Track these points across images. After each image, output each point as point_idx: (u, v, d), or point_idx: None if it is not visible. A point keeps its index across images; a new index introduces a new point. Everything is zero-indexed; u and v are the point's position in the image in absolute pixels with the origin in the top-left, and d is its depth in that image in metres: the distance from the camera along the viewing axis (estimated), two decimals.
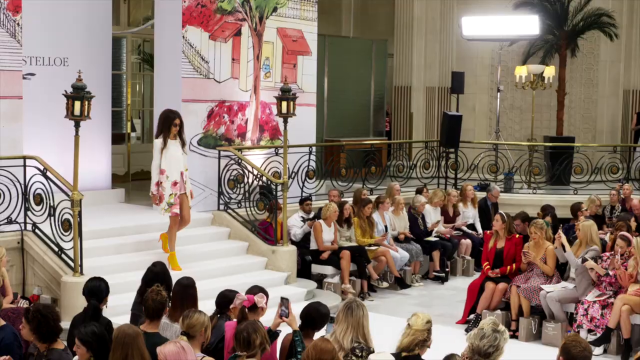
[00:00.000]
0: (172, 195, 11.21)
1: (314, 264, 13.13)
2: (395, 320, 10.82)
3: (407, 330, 6.32)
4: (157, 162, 11.19)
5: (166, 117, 11.25)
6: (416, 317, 6.36)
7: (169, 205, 11.22)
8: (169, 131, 11.17)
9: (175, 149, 11.21)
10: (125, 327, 6.01)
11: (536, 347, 10.74)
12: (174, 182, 11.20)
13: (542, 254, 11.33)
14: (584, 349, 5.70)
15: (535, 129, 19.48)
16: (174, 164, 11.18)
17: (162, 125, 11.24)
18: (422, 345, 6.28)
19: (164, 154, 11.14)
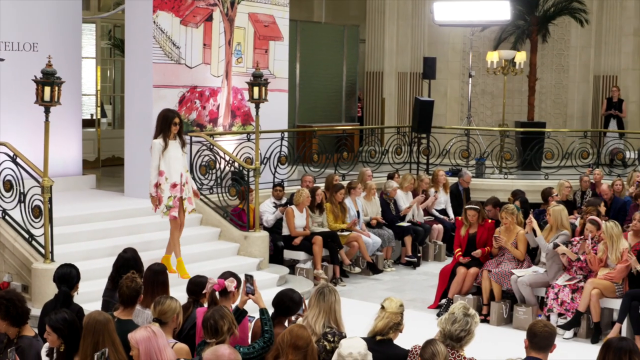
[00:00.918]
0: (170, 198, 10.81)
1: (286, 250, 13.13)
2: (368, 305, 10.90)
3: (381, 313, 6.35)
4: (155, 162, 10.77)
5: (165, 116, 10.82)
6: (390, 301, 6.39)
7: (167, 208, 10.82)
8: (169, 131, 10.74)
9: (175, 150, 10.81)
10: (96, 314, 5.99)
11: (507, 331, 10.81)
12: (173, 184, 10.81)
13: (513, 239, 11.40)
14: (545, 325, 5.79)
15: (506, 114, 19.57)
16: (174, 165, 10.79)
17: (161, 125, 10.80)
18: (396, 329, 6.31)
19: (164, 155, 10.74)
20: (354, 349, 5.38)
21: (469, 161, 17.85)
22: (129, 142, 13.55)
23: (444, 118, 20.11)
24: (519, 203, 13.40)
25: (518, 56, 18.81)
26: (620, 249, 10.52)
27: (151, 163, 10.86)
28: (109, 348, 5.77)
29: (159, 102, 13.22)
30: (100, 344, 5.79)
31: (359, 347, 5.38)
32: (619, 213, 14.02)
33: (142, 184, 13.28)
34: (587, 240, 10.77)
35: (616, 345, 5.54)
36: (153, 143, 10.81)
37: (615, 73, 20.57)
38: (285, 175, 14.86)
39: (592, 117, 20.77)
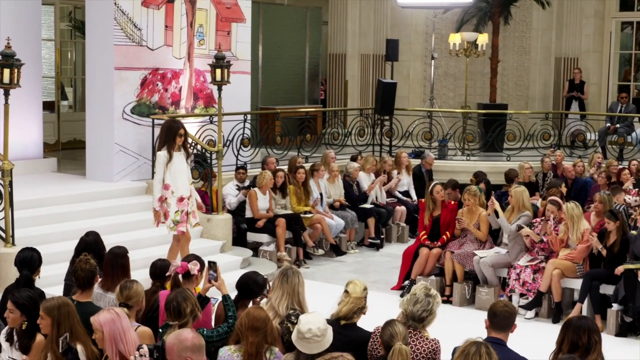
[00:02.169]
0: (177, 213, 10.41)
1: (250, 232, 13.11)
2: (331, 287, 10.94)
3: (346, 298, 6.34)
4: (160, 176, 10.33)
5: (169, 127, 10.41)
6: (354, 285, 6.39)
7: (174, 224, 10.42)
8: (173, 142, 10.30)
9: (180, 162, 10.41)
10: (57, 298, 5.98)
11: (469, 312, 10.90)
12: (180, 197, 10.42)
13: (476, 220, 11.48)
14: (506, 305, 5.84)
15: (468, 96, 19.66)
16: (180, 178, 10.40)
17: (166, 136, 10.39)
18: (359, 312, 6.33)
19: (169, 168, 10.32)
20: (313, 325, 5.35)
21: (431, 143, 17.92)
22: (90, 125, 13.44)
23: (406, 100, 20.17)
24: (484, 185, 13.52)
25: (480, 38, 18.88)
26: (581, 229, 10.64)
27: (155, 176, 10.44)
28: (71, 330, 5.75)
29: (120, 84, 13.12)
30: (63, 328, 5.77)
31: (318, 323, 5.35)
32: (580, 194, 14.17)
33: (104, 167, 13.22)
34: (548, 221, 10.88)
35: (575, 323, 5.61)
36: (158, 155, 10.39)
37: (576, 55, 20.74)
38: (248, 158, 14.82)
39: (553, 99, 20.94)
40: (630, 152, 16.93)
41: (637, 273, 9.95)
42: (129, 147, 13.25)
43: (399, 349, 5.51)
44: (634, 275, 9.98)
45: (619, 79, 21.44)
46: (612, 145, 17.49)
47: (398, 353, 5.50)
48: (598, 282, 10.34)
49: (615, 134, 17.48)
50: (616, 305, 10.14)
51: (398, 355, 5.51)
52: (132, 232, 11.79)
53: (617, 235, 10.32)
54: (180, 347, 5.04)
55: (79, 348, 5.79)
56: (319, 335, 5.31)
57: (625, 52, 21.87)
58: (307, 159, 15.61)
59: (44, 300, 6.11)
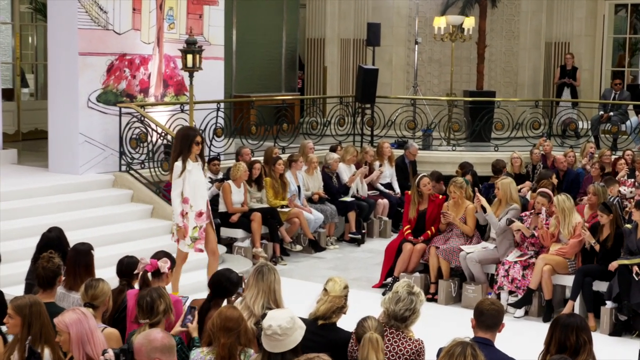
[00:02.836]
0: (195, 229, 10.08)
1: (223, 227, 13.09)
2: (310, 285, 10.93)
3: (324, 296, 6.33)
4: (179, 189, 9.99)
5: (185, 135, 10.06)
6: (333, 283, 6.37)
7: (192, 241, 10.08)
8: (189, 151, 9.93)
9: (198, 173, 10.08)
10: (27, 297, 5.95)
11: (456, 310, 10.93)
12: (199, 212, 10.10)
13: (462, 214, 11.50)
14: (493, 303, 5.84)
15: (454, 83, 19.66)
16: (199, 190, 10.09)
17: (181, 145, 9.99)
18: (339, 312, 6.31)
19: (187, 180, 9.96)
20: (274, 321, 5.29)
21: (415, 132, 17.93)
22: (52, 114, 13.37)
23: (389, 87, 20.15)
24: (470, 176, 13.53)
25: (466, 22, 18.89)
26: (572, 223, 10.67)
27: (173, 190, 10.09)
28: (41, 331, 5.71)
29: (85, 70, 13.04)
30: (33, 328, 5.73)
31: (281, 320, 5.30)
32: (572, 186, 14.22)
33: (67, 159, 13.15)
34: (540, 214, 10.91)
35: (563, 322, 5.61)
36: (175, 167, 9.99)
37: (567, 39, 20.79)
38: (222, 149, 14.80)
39: (543, 86, 20.98)
40: (625, 142, 17.00)
41: (632, 269, 9.99)
42: (94, 137, 13.19)
43: (369, 337, 5.52)
44: (629, 271, 10.02)
45: (612, 64, 21.51)
46: (605, 135, 17.57)
47: (368, 341, 5.51)
48: (591, 279, 10.38)
49: (609, 122, 17.56)
50: (610, 302, 10.18)
51: (368, 343, 5.52)
52: (98, 227, 11.76)
53: (611, 229, 10.37)
54: (150, 348, 5.00)
55: (47, 352, 5.73)
56: (279, 333, 5.26)
57: (619, 36, 21.96)
58: (284, 150, 15.58)
59: (13, 298, 6.06)
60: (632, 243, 10.17)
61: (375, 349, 5.60)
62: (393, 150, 16.00)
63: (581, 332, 5.47)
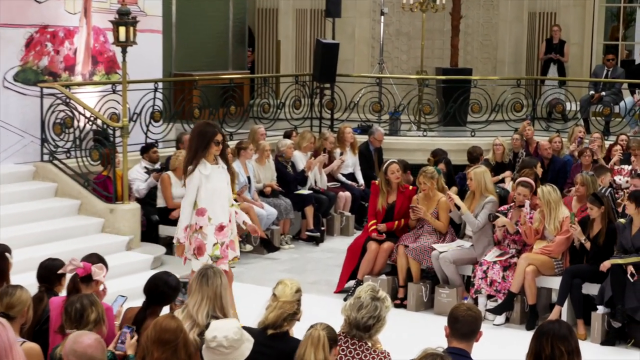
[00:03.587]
0: (216, 246, 9.44)
1: (162, 225, 13.08)
2: (262, 290, 10.82)
3: (273, 302, 6.33)
4: (191, 197, 9.38)
5: (202, 133, 9.42)
6: (283, 286, 6.37)
7: (214, 260, 9.32)
8: (207, 151, 9.33)
9: (219, 178, 9.45)
10: None
11: (427, 317, 10.96)
12: (220, 226, 9.45)
13: (434, 208, 11.52)
14: (469, 308, 5.85)
15: (425, 60, 19.71)
16: (219, 199, 9.46)
17: (197, 144, 9.39)
18: (291, 319, 6.31)
19: (203, 187, 9.36)
20: (220, 332, 5.30)
21: (381, 116, 17.96)
22: None
23: (351, 64, 20.16)
24: (444, 165, 13.58)
25: None
26: (559, 217, 10.72)
27: (185, 197, 9.49)
28: None
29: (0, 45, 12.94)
30: None
31: (227, 330, 5.31)
32: (559, 175, 14.33)
33: None
34: (522, 207, 10.96)
35: (540, 329, 5.62)
36: (189, 171, 9.39)
37: (553, 10, 20.93)
38: (160, 135, 14.77)
39: (526, 63, 21.10)
40: (618, 125, 17.15)
41: (627, 269, 10.06)
42: (11, 122, 13.07)
43: (311, 333, 5.56)
44: (623, 272, 10.08)
45: (605, 37, 21.71)
46: (596, 117, 17.69)
47: (309, 338, 5.54)
48: (580, 281, 10.45)
49: (601, 103, 17.69)
50: (602, 307, 10.25)
51: (308, 339, 5.55)
52: (18, 226, 11.67)
53: (602, 224, 10.44)
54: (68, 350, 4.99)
55: None
56: (225, 345, 5.27)
57: (613, 4, 22.14)
58: (232, 136, 15.57)
59: None
60: (627, 240, 10.25)
61: (315, 345, 5.61)
62: (356, 137, 16.03)
63: (558, 342, 5.42)
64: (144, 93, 14.31)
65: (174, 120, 15.40)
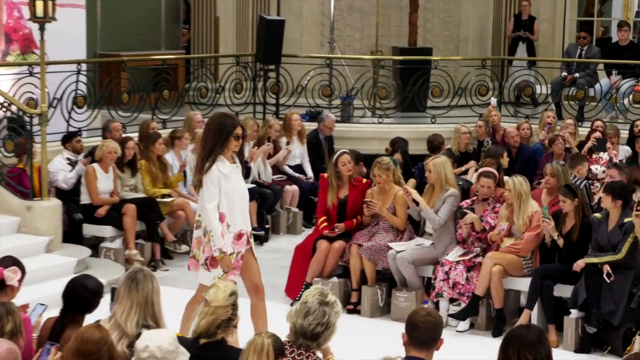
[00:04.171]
0: (232, 256, 9.10)
1: (87, 224, 13.04)
2: None
3: (205, 308, 6.33)
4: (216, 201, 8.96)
5: (220, 125, 9.02)
6: (215, 290, 6.37)
7: (225, 272, 9.08)
8: (224, 147, 8.96)
9: (237, 179, 9.13)
10: None
11: (384, 324, 10.98)
12: (239, 233, 9.13)
13: (390, 203, 11.54)
14: (429, 314, 5.87)
15: (380, 38, 19.74)
16: (239, 203, 9.14)
17: (214, 138, 8.98)
18: (227, 326, 6.30)
19: (222, 187, 8.97)
20: (153, 342, 5.31)
21: (332, 101, 17.97)
22: None
23: (298, 44, 20.14)
24: (400, 155, 13.60)
25: None
26: (528, 212, 10.78)
27: (208, 201, 9.01)
28: None
29: None
30: None
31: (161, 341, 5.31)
32: (528, 165, 14.38)
33: None
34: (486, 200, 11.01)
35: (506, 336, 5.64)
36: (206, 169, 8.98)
37: None
38: (84, 123, 14.69)
39: (492, 41, 21.18)
40: (593, 110, 17.26)
41: (602, 269, 10.13)
42: None
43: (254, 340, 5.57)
44: (598, 272, 10.16)
45: (578, 13, 21.85)
46: (569, 101, 17.79)
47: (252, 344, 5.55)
48: (552, 282, 10.51)
49: (574, 86, 17.79)
50: (575, 311, 10.33)
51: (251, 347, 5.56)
52: None
53: (576, 219, 10.51)
54: None
55: None
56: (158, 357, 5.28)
57: None
58: (165, 124, 15.53)
59: None
60: (602, 236, 10.32)
61: (258, 354, 5.62)
62: (304, 124, 16.02)
63: (525, 350, 5.43)
64: (65, 76, 14.24)
65: (100, 106, 15.34)
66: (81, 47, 15.18)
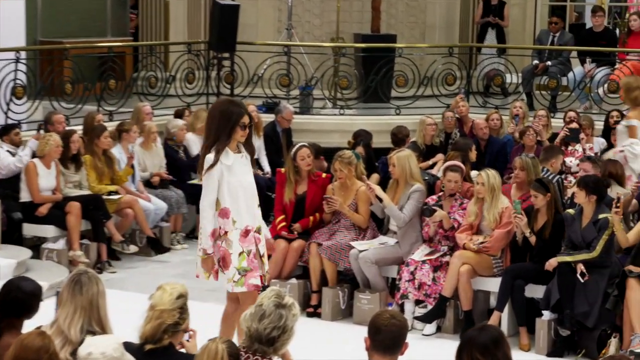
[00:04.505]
0: (243, 256, 8.81)
1: (27, 224, 13.00)
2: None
3: (150, 312, 6.31)
4: (212, 196, 8.77)
5: (225, 113, 8.75)
6: (162, 292, 6.35)
7: (240, 274, 8.78)
8: (229, 138, 8.72)
9: (244, 170, 8.89)
10: None
11: (345, 328, 11.01)
12: (245, 230, 8.85)
13: (352, 199, 11.56)
14: (393, 316, 5.87)
15: (342, 24, 19.75)
16: (244, 196, 8.88)
17: (218, 127, 8.74)
18: (174, 331, 6.28)
19: (225, 180, 8.76)
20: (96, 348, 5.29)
21: (290, 91, 17.96)
22: None
23: (254, 30, 20.11)
24: (363, 149, 13.62)
25: None
26: (498, 208, 10.82)
27: (204, 195, 8.88)
28: None
29: None
30: None
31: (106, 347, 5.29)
32: (497, 159, 14.42)
33: None
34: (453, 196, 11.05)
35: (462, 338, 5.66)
36: (206, 161, 8.76)
37: None
38: (24, 115, 14.64)
39: (460, 28, 21.23)
40: (566, 100, 17.33)
41: (576, 268, 10.19)
42: None
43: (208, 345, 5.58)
44: (572, 271, 10.21)
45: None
46: (541, 91, 17.87)
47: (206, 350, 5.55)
48: (523, 282, 10.56)
49: (546, 74, 17.87)
50: (548, 313, 10.39)
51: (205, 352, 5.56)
52: None
53: (548, 215, 10.56)
54: None
55: None
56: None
57: None
58: (112, 116, 15.51)
59: None
60: (576, 233, 10.37)
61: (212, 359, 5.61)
62: (260, 116, 16.02)
63: (477, 353, 5.43)
64: (3, 64, 14.19)
65: (41, 97, 15.27)
66: (20, 33, 15.11)
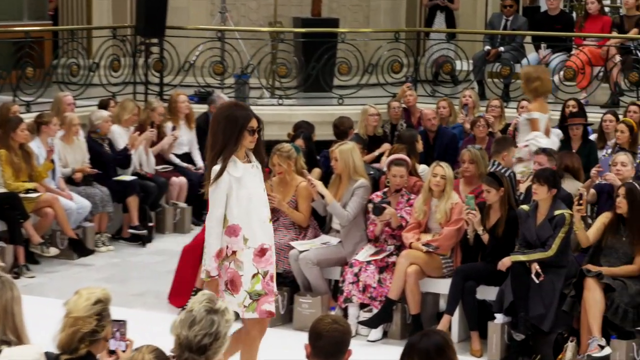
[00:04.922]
0: (257, 278, 8.60)
1: None
2: None
3: (65, 319, 6.27)
4: (220, 211, 8.51)
5: (231, 118, 8.50)
6: (77, 297, 6.30)
7: (252, 299, 8.59)
8: (238, 145, 8.48)
9: (255, 181, 8.64)
10: None
11: (284, 334, 11.02)
12: (261, 249, 8.63)
13: (291, 196, 11.58)
14: (335, 321, 5.89)
15: (280, 8, 19.74)
16: (255, 210, 8.64)
17: (224, 134, 8.48)
18: (93, 339, 6.26)
19: (234, 193, 8.52)
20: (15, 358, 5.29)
21: (224, 79, 17.94)
22: None
23: (185, 14, 20.05)
24: (302, 141, 13.64)
25: None
26: (448, 204, 10.87)
27: (211, 212, 8.61)
28: None
29: None
30: None
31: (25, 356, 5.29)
32: (447, 151, 14.45)
33: None
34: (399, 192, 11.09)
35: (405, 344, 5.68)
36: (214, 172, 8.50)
37: None
38: None
39: (407, 11, 21.28)
40: (520, 89, 17.39)
41: (531, 267, 10.25)
42: None
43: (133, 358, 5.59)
44: (526, 272, 10.28)
45: None
46: (493, 79, 17.96)
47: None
48: (474, 283, 10.62)
49: (498, 61, 17.97)
50: (501, 316, 10.46)
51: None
52: None
53: (501, 211, 10.64)
54: None
55: None
56: None
57: None
58: (29, 107, 15.48)
59: None
60: (530, 231, 10.43)
61: None
62: (192, 106, 16.00)
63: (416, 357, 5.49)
64: None
65: None
66: None
